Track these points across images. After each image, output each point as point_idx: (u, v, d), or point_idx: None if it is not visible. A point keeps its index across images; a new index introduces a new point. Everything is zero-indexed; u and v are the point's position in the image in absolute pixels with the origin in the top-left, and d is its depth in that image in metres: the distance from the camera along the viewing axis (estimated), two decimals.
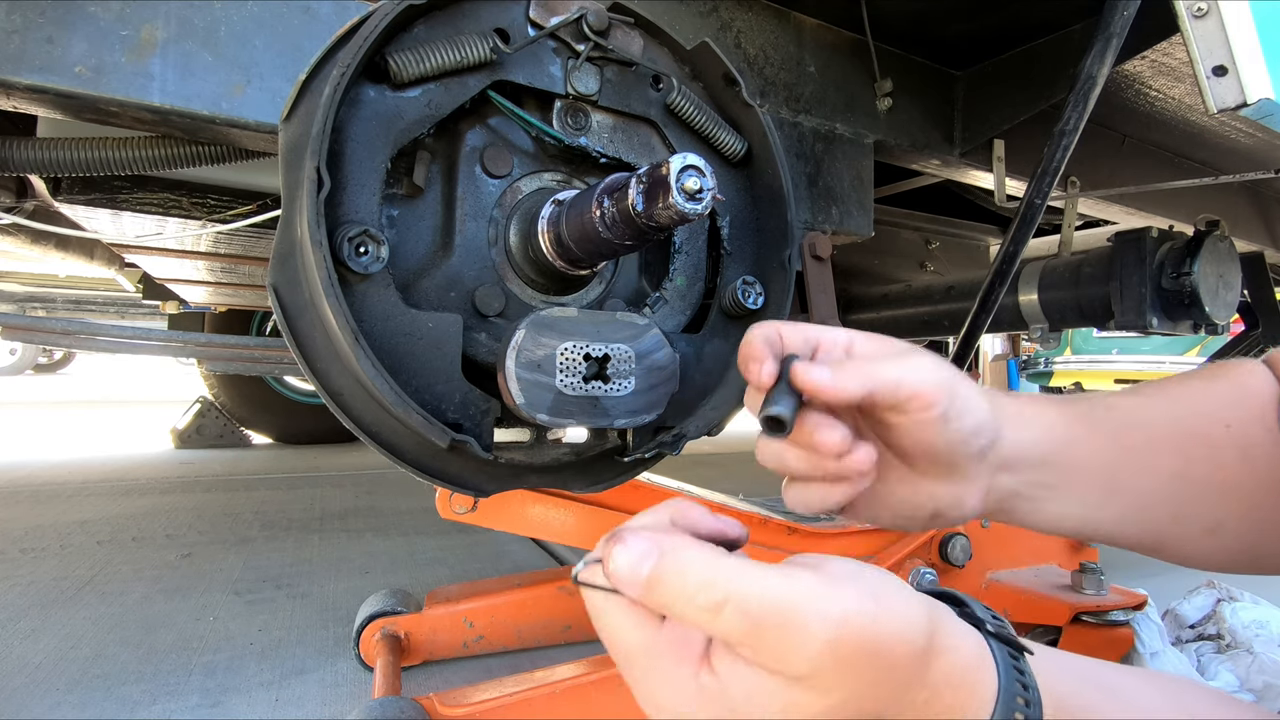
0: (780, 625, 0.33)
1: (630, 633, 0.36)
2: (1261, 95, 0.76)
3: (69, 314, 5.90)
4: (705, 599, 0.33)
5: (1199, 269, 1.37)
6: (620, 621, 0.37)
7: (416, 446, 0.63)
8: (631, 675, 0.37)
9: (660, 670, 0.36)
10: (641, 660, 0.36)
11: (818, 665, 0.33)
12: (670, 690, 0.36)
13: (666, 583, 0.34)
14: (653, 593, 0.35)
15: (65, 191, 1.23)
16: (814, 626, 0.33)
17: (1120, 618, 1.11)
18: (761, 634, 0.33)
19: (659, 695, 0.36)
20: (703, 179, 0.47)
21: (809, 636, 0.33)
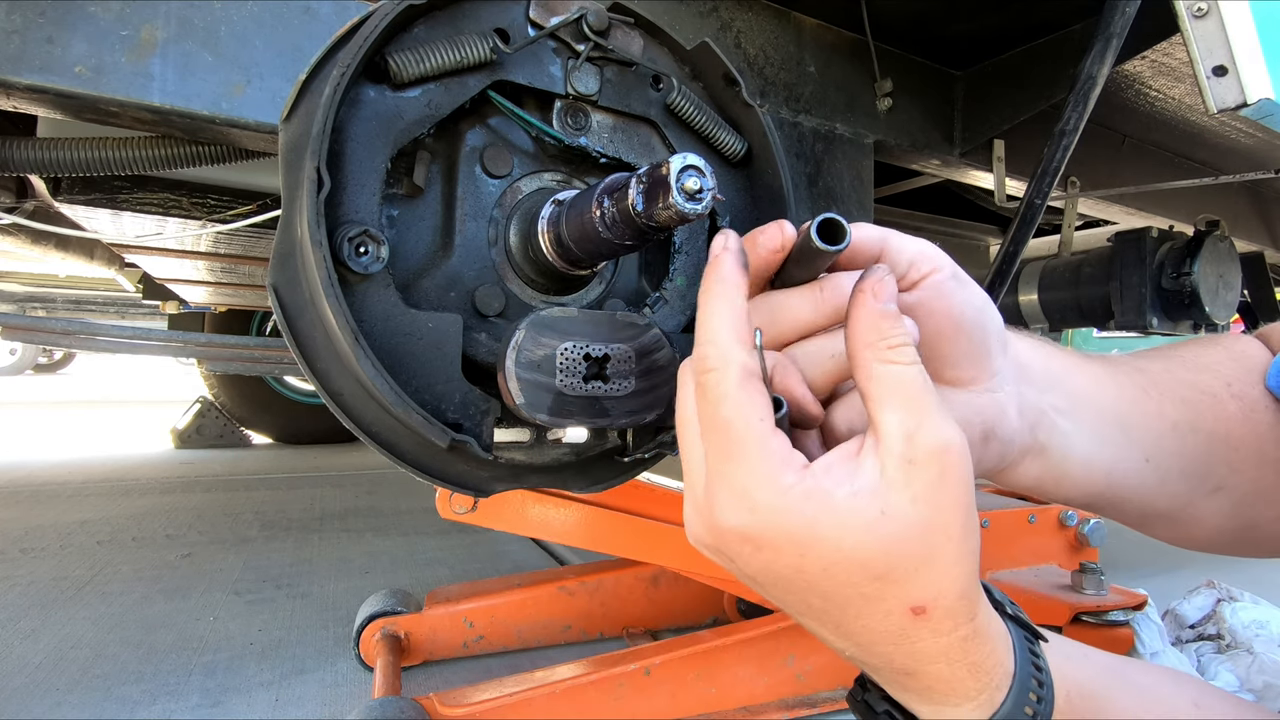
0: (939, 401, 0.37)
1: (768, 416, 0.37)
2: (1261, 95, 0.76)
3: (69, 314, 5.91)
4: (909, 351, 0.37)
5: (1199, 269, 1.38)
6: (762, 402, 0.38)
7: (416, 446, 0.63)
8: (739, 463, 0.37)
9: (776, 461, 0.36)
10: (764, 449, 0.37)
11: (943, 451, 0.35)
12: (773, 486, 0.36)
13: (902, 320, 0.38)
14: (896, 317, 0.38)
15: (65, 191, 1.23)
16: (953, 422, 0.36)
17: (1120, 618, 1.11)
18: (930, 393, 0.36)
19: (755, 488, 0.36)
20: (703, 179, 0.47)
21: (951, 423, 0.36)
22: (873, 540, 0.35)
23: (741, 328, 0.39)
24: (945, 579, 0.36)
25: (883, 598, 0.36)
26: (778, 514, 0.36)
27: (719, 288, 0.41)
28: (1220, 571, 1.94)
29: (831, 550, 0.36)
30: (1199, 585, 1.34)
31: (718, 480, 0.38)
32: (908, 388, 0.36)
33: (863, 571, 0.36)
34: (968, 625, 0.37)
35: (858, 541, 0.35)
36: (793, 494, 0.36)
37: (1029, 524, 1.32)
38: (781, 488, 0.36)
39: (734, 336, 0.38)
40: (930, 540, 0.35)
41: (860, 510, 0.35)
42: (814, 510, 0.36)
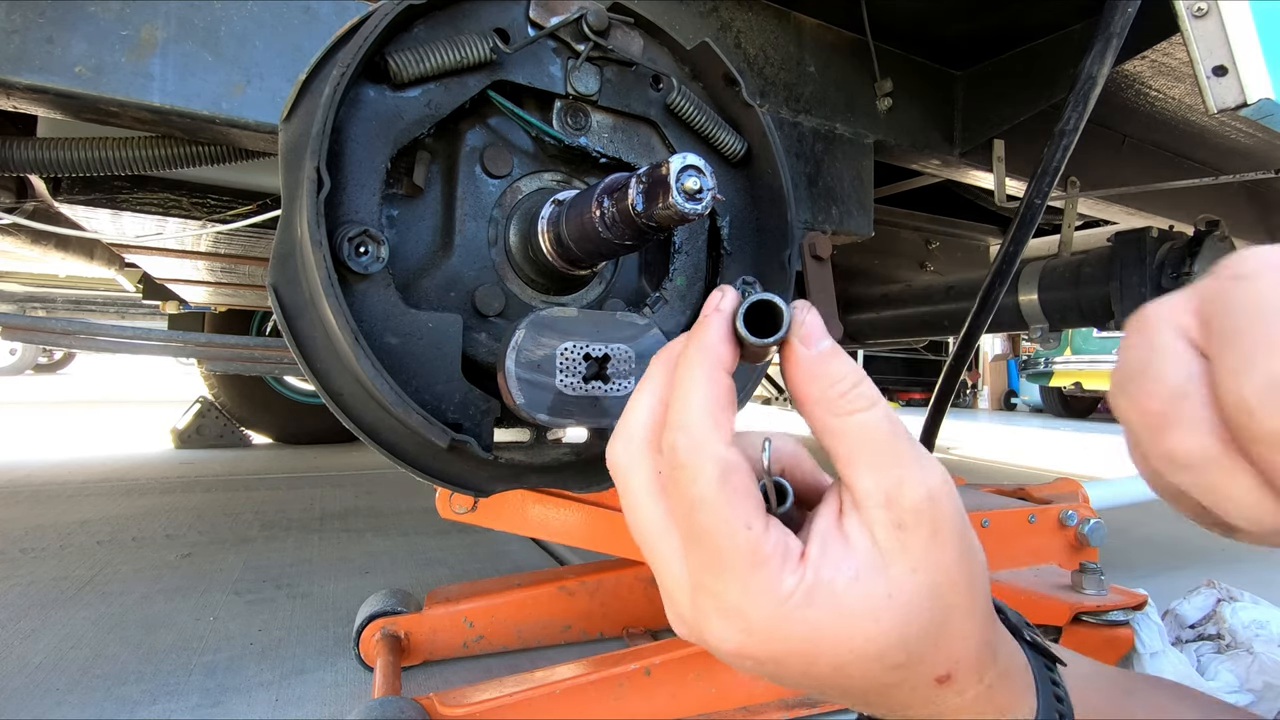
0: (911, 445, 0.32)
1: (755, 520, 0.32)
2: (1261, 95, 0.76)
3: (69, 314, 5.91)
4: (866, 387, 0.33)
5: (1199, 269, 1.38)
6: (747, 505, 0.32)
7: (416, 446, 0.63)
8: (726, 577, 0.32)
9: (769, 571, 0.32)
10: (756, 558, 0.32)
11: (930, 506, 0.32)
12: (770, 599, 0.31)
13: (842, 357, 0.33)
14: (830, 360, 0.33)
15: (65, 191, 1.23)
16: (933, 463, 0.33)
17: (1120, 618, 1.11)
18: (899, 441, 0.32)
19: (750, 604, 0.32)
20: (703, 179, 0.47)
21: (929, 469, 0.32)
22: (885, 631, 0.31)
23: (722, 412, 0.33)
24: (965, 638, 0.33)
25: (905, 680, 0.33)
26: (779, 629, 0.32)
27: (698, 358, 0.34)
28: (1220, 571, 1.94)
29: (844, 652, 0.32)
30: (1199, 585, 1.34)
31: (704, 596, 0.33)
32: (873, 440, 0.32)
33: (880, 665, 0.32)
34: (992, 671, 0.34)
35: (869, 636, 0.31)
36: (793, 602, 0.31)
37: (1029, 524, 1.32)
38: (780, 598, 0.31)
39: (709, 423, 0.33)
40: (941, 604, 0.32)
41: (867, 598, 0.31)
42: (818, 615, 0.31)
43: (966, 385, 10.94)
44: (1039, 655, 0.38)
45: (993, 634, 0.34)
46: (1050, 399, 9.12)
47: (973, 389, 11.07)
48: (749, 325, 0.34)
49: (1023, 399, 10.79)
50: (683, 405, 0.34)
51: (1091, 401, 8.91)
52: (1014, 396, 10.83)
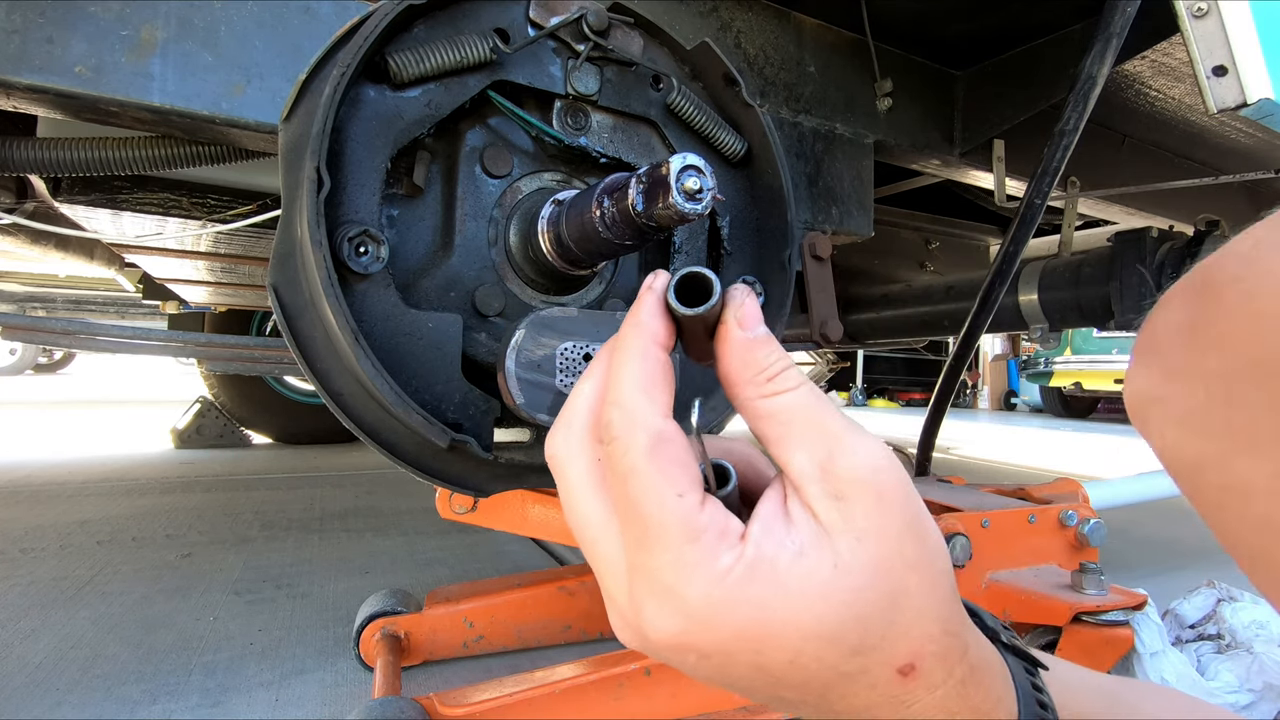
0: (841, 420, 0.32)
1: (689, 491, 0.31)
2: (1261, 95, 0.76)
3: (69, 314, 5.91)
4: (793, 370, 0.32)
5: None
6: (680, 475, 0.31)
7: (416, 446, 0.63)
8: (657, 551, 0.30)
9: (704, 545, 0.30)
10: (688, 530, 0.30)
11: (869, 475, 0.30)
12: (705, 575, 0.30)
13: (773, 342, 0.33)
14: (764, 343, 0.33)
15: (65, 191, 1.23)
16: (869, 436, 0.32)
17: (1120, 618, 1.11)
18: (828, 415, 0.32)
19: (684, 581, 0.30)
20: (703, 179, 0.47)
21: (865, 440, 0.31)
22: (836, 607, 0.29)
23: (655, 386, 0.33)
24: (924, 618, 0.31)
25: (865, 670, 0.30)
26: (719, 610, 0.29)
27: (631, 335, 0.34)
28: (1220, 571, 1.94)
29: (795, 637, 0.29)
30: (1199, 585, 1.34)
31: (638, 578, 0.31)
32: (804, 415, 0.31)
33: (835, 650, 0.29)
34: (962, 664, 0.32)
35: (820, 616, 0.29)
36: (732, 579, 0.29)
37: (1029, 524, 1.32)
38: (719, 573, 0.29)
39: (641, 397, 0.32)
40: (894, 578, 0.30)
41: (812, 573, 0.29)
42: (761, 593, 0.29)
43: (966, 385, 10.95)
44: (1018, 658, 0.36)
45: (959, 622, 0.32)
46: (1050, 399, 9.12)
47: (973, 389, 11.08)
48: (681, 299, 0.34)
49: (1023, 399, 10.79)
50: (616, 381, 0.33)
51: (1091, 401, 8.92)
52: (1014, 396, 10.83)
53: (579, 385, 0.37)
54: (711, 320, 0.34)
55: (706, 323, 0.34)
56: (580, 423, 0.35)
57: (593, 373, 0.36)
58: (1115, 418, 9.09)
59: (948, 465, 3.98)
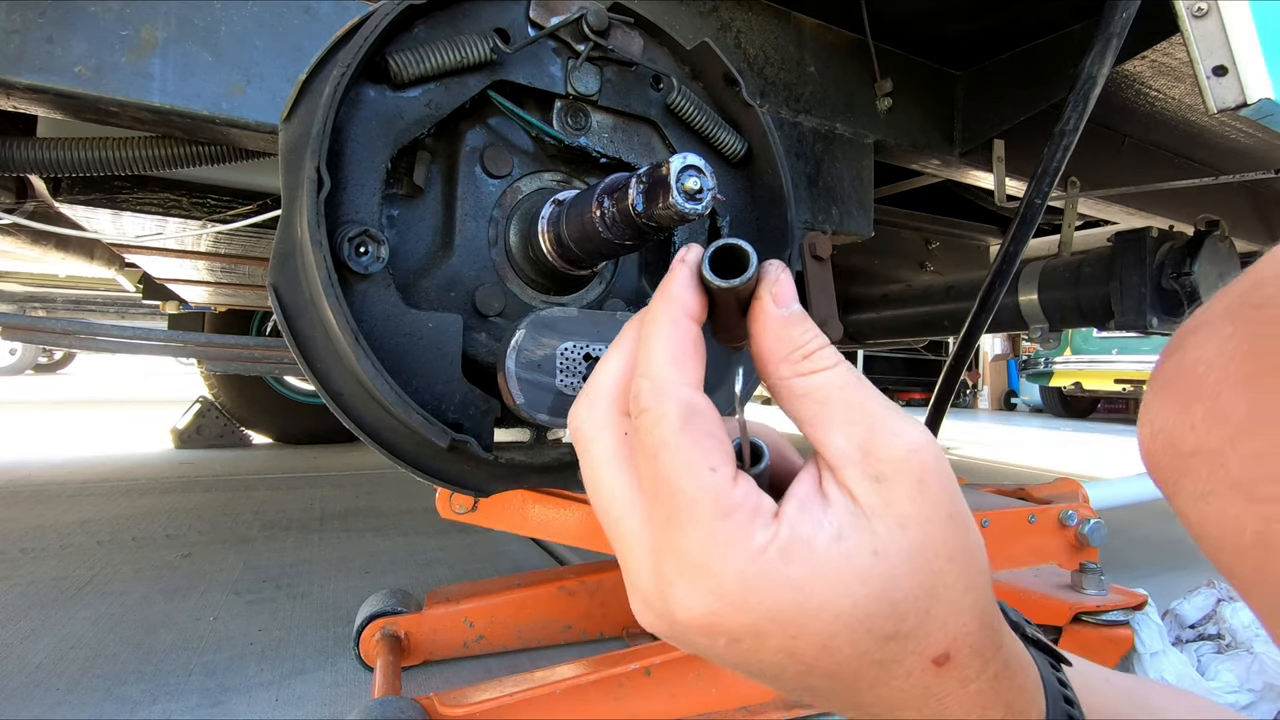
0: (881, 400, 0.31)
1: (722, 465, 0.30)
2: (1261, 95, 0.76)
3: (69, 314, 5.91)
4: (830, 349, 0.31)
5: (1199, 269, 1.38)
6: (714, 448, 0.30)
7: (416, 446, 0.63)
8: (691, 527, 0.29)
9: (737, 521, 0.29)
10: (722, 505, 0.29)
11: (910, 456, 0.29)
12: (739, 552, 0.28)
13: (808, 320, 0.32)
14: (798, 320, 0.32)
15: (65, 191, 1.23)
16: (909, 420, 0.31)
17: (1120, 618, 1.11)
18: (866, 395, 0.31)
19: (718, 559, 0.29)
20: (703, 179, 0.47)
21: (906, 422, 0.30)
22: (874, 593, 0.28)
23: (687, 358, 0.31)
24: (963, 611, 0.29)
25: (899, 659, 0.29)
26: (754, 590, 0.28)
27: (662, 307, 0.33)
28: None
29: (830, 621, 0.28)
30: (1199, 585, 1.34)
31: (667, 557, 0.30)
32: (842, 394, 0.30)
33: (870, 636, 0.28)
34: (997, 659, 0.31)
35: (857, 601, 0.28)
36: (768, 557, 0.28)
37: (1029, 524, 1.32)
38: (753, 552, 0.28)
39: (672, 367, 0.31)
40: (934, 568, 0.29)
41: (851, 557, 0.28)
42: (799, 573, 0.28)
43: (966, 385, 10.94)
44: (1044, 653, 0.35)
45: (995, 616, 0.31)
46: (1050, 399, 9.12)
47: (973, 389, 11.08)
48: (716, 272, 0.32)
49: (1023, 399, 10.79)
50: (646, 353, 0.32)
51: (1091, 401, 8.92)
52: (1014, 396, 10.83)
53: (606, 357, 0.35)
54: (745, 295, 0.33)
55: (740, 297, 0.33)
56: (606, 395, 0.34)
57: (621, 344, 0.35)
58: (1115, 418, 9.09)
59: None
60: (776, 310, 0.32)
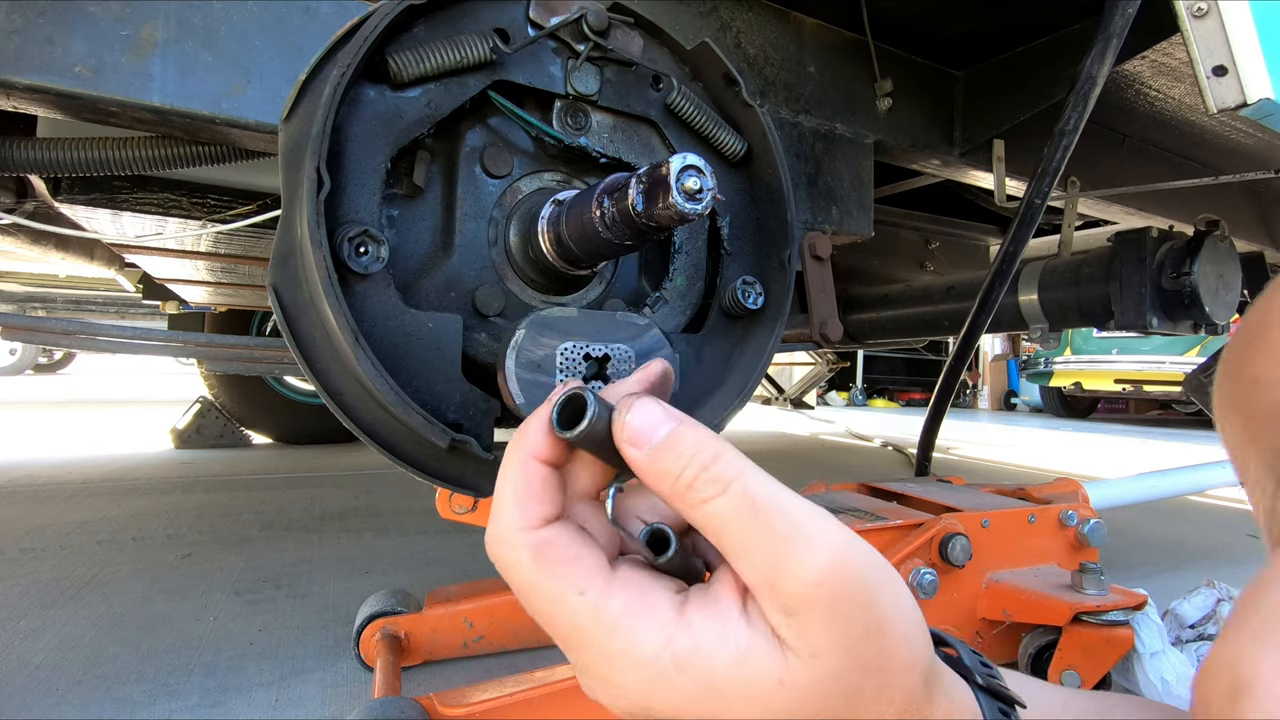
0: (784, 523, 0.29)
1: (590, 586, 0.31)
2: (1261, 95, 0.76)
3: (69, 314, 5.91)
4: (718, 469, 0.30)
5: (1199, 269, 1.38)
6: (574, 572, 0.31)
7: (416, 446, 0.63)
8: (583, 649, 0.31)
9: (623, 633, 0.30)
10: (602, 623, 0.30)
11: (815, 589, 0.28)
12: (632, 663, 0.30)
13: (682, 445, 0.31)
14: (666, 453, 0.31)
15: (65, 191, 1.23)
16: (818, 538, 0.29)
17: (1120, 618, 1.11)
18: (764, 522, 0.29)
19: (615, 671, 0.30)
20: (703, 179, 0.47)
21: (812, 546, 0.29)
22: (775, 715, 0.29)
23: (529, 498, 0.33)
24: (882, 707, 0.30)
25: None
26: (651, 696, 0.30)
27: (512, 449, 0.34)
28: (1220, 571, 1.94)
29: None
30: (1199, 585, 1.34)
31: (579, 671, 0.33)
32: (735, 526, 0.29)
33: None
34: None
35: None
36: (660, 665, 0.29)
37: (1029, 524, 1.32)
38: (645, 660, 0.29)
39: (515, 512, 0.32)
40: (847, 686, 0.29)
41: (751, 682, 0.29)
42: (691, 686, 0.29)
43: (966, 385, 10.95)
44: (994, 699, 0.35)
45: (920, 693, 0.31)
46: (1050, 399, 9.12)
47: (973, 389, 11.08)
48: (564, 422, 0.33)
49: (1023, 399, 10.79)
50: (496, 500, 0.33)
51: (1091, 401, 8.92)
52: (1014, 396, 10.83)
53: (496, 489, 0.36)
54: (602, 436, 0.33)
55: (596, 440, 0.33)
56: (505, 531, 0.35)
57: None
58: (1115, 418, 9.09)
59: (948, 465, 3.98)
60: (637, 453, 0.31)
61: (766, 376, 5.98)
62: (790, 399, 7.48)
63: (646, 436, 0.31)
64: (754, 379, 0.75)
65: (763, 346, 0.75)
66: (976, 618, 1.21)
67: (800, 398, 7.62)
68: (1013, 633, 1.21)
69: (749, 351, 0.76)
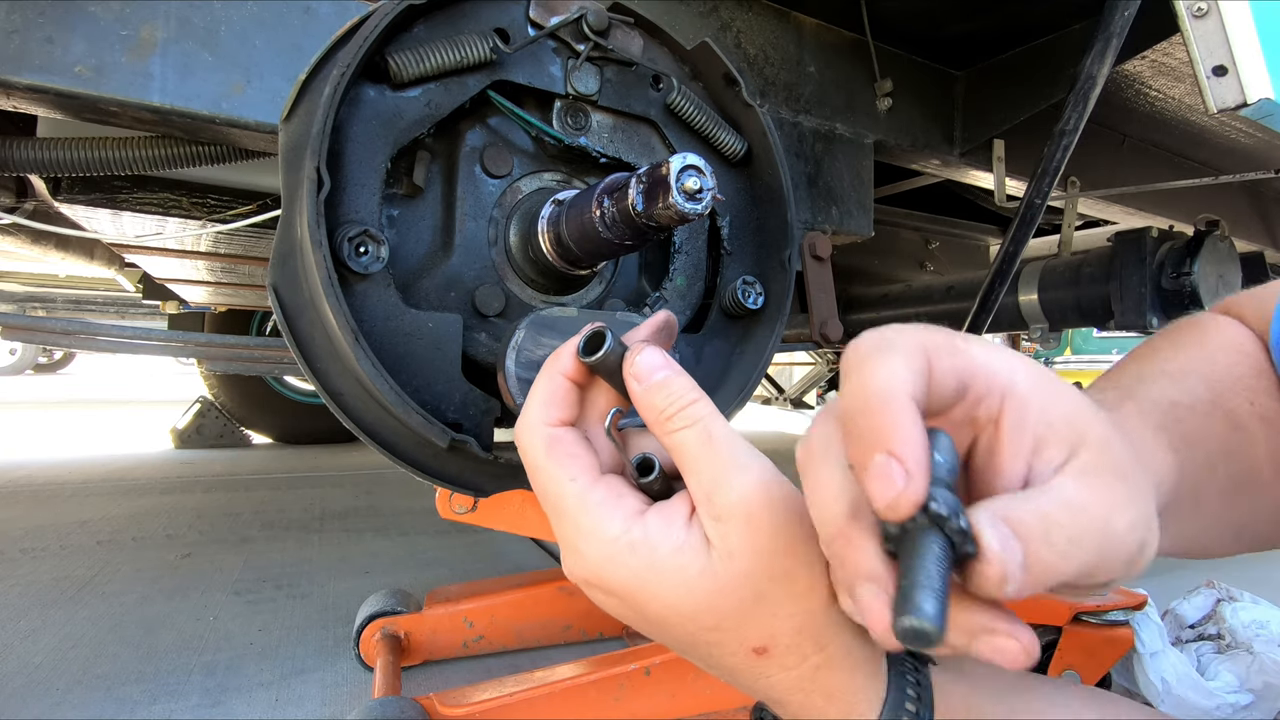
0: (729, 454, 0.38)
1: (580, 476, 0.40)
2: (1261, 95, 0.76)
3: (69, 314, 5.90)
4: (692, 411, 0.39)
5: (1199, 269, 1.37)
6: (572, 464, 0.41)
7: (416, 446, 0.63)
8: (564, 520, 0.40)
9: (594, 515, 0.39)
10: (582, 504, 0.39)
11: (738, 503, 0.37)
12: (596, 539, 0.39)
13: (670, 387, 0.40)
14: (658, 390, 0.40)
15: (65, 191, 1.23)
16: (750, 469, 0.38)
17: (1120, 617, 1.11)
18: (714, 450, 0.38)
19: (582, 541, 0.39)
20: (702, 179, 0.47)
21: (744, 473, 0.38)
22: (696, 597, 0.37)
23: (552, 402, 0.42)
24: (778, 620, 0.37)
25: (723, 642, 0.38)
26: (605, 566, 0.39)
27: (546, 365, 0.44)
28: (1220, 571, 1.94)
29: (662, 607, 0.38)
30: (1199, 585, 1.34)
31: (559, 538, 0.42)
32: (693, 450, 0.38)
33: (694, 623, 0.38)
34: (816, 655, 0.38)
35: (680, 599, 0.37)
36: (618, 545, 0.38)
37: None
38: (606, 539, 0.38)
39: (539, 410, 0.42)
40: (754, 586, 0.37)
41: (682, 568, 0.37)
42: (638, 564, 0.38)
43: None
44: (905, 652, 0.40)
45: (819, 624, 0.38)
46: None
47: None
48: (587, 351, 0.42)
49: None
50: (528, 400, 0.44)
51: None
52: None
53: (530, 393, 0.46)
54: (614, 367, 0.42)
55: (609, 369, 0.42)
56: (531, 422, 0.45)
57: None
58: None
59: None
60: (637, 385, 0.40)
61: (766, 376, 5.98)
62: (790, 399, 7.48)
63: (647, 376, 0.40)
64: (754, 379, 0.75)
65: (763, 346, 0.75)
66: None
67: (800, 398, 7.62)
68: None
69: (749, 351, 0.76)
